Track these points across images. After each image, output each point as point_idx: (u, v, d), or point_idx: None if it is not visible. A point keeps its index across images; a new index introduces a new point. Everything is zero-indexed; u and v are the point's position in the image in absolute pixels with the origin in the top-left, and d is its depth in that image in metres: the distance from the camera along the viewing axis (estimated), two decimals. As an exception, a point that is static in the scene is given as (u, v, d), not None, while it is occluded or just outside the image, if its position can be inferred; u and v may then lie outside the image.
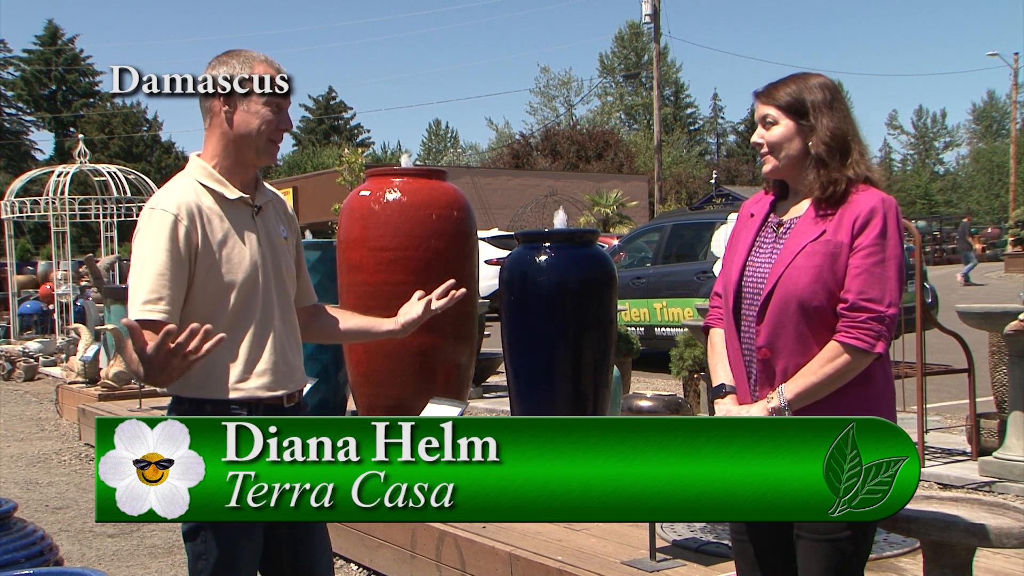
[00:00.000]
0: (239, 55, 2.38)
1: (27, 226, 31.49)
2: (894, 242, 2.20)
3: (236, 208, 2.39)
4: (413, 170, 5.94)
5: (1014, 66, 44.77)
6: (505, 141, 60.39)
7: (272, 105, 2.35)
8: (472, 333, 5.96)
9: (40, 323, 18.20)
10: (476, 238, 6.00)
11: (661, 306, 11.04)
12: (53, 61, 53.25)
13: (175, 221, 2.29)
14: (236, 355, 2.35)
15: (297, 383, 2.48)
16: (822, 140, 2.26)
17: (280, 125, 2.38)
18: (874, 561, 3.42)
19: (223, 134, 2.37)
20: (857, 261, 2.19)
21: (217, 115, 2.36)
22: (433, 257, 5.62)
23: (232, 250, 2.35)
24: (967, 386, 5.81)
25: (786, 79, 2.36)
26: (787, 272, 2.24)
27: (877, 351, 2.18)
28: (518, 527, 4.04)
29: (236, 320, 2.35)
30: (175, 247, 2.28)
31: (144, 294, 2.25)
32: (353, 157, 21.29)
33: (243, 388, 2.35)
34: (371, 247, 5.58)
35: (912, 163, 77.92)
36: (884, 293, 2.17)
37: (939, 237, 38.58)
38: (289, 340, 2.46)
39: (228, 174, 2.39)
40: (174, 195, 2.35)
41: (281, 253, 2.48)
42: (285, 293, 2.48)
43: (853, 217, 2.21)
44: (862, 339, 2.17)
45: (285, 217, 2.57)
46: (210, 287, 2.33)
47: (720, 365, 2.42)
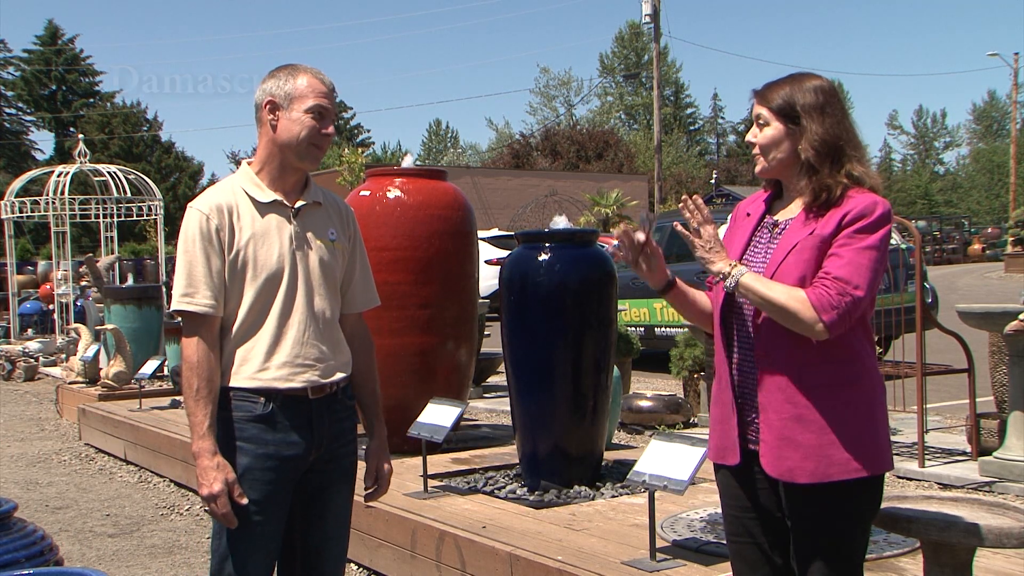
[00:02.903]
0: (286, 68, 2.58)
1: (27, 226, 31.51)
2: (877, 236, 2.20)
3: (270, 209, 2.55)
4: (413, 170, 5.94)
5: (1014, 66, 44.77)
6: (505, 141, 60.42)
7: (313, 113, 2.52)
8: (472, 333, 5.96)
9: (40, 323, 18.19)
10: (476, 238, 6.00)
11: (661, 306, 11.04)
12: (53, 61, 53.22)
13: (206, 219, 2.49)
14: (257, 347, 2.51)
15: (324, 378, 2.56)
16: (811, 145, 2.26)
17: (322, 131, 2.54)
18: (874, 561, 3.42)
19: (270, 140, 2.56)
20: (835, 248, 2.20)
21: (265, 124, 2.56)
22: (433, 257, 5.62)
23: (260, 248, 2.51)
24: (967, 386, 5.80)
25: (782, 80, 2.36)
26: (779, 270, 2.25)
27: (824, 318, 2.15)
28: (518, 527, 4.04)
29: (259, 313, 2.51)
30: (207, 243, 2.48)
31: (181, 288, 2.48)
32: (353, 157, 21.31)
33: (260, 378, 2.49)
34: (371, 247, 5.50)
35: (912, 163, 77.93)
36: (854, 276, 2.16)
37: (939, 237, 38.58)
38: (318, 334, 2.56)
39: (272, 178, 2.58)
40: (210, 195, 2.56)
41: (322, 253, 2.59)
42: (319, 291, 2.58)
43: (843, 213, 2.22)
44: (820, 296, 2.16)
45: (339, 220, 2.69)
46: (236, 281, 2.50)
47: None
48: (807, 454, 2.23)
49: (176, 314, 2.49)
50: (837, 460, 2.21)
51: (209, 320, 2.46)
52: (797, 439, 2.23)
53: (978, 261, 36.29)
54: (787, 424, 2.24)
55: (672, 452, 3.34)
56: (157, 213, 15.51)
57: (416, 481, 4.82)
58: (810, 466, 2.22)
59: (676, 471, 3.26)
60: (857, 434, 2.23)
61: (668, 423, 7.18)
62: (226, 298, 2.49)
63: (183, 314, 2.47)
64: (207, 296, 2.46)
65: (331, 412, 2.58)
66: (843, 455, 2.21)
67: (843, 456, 2.21)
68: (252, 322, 2.50)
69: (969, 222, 49.43)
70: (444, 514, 4.26)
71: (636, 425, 7.32)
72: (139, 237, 35.13)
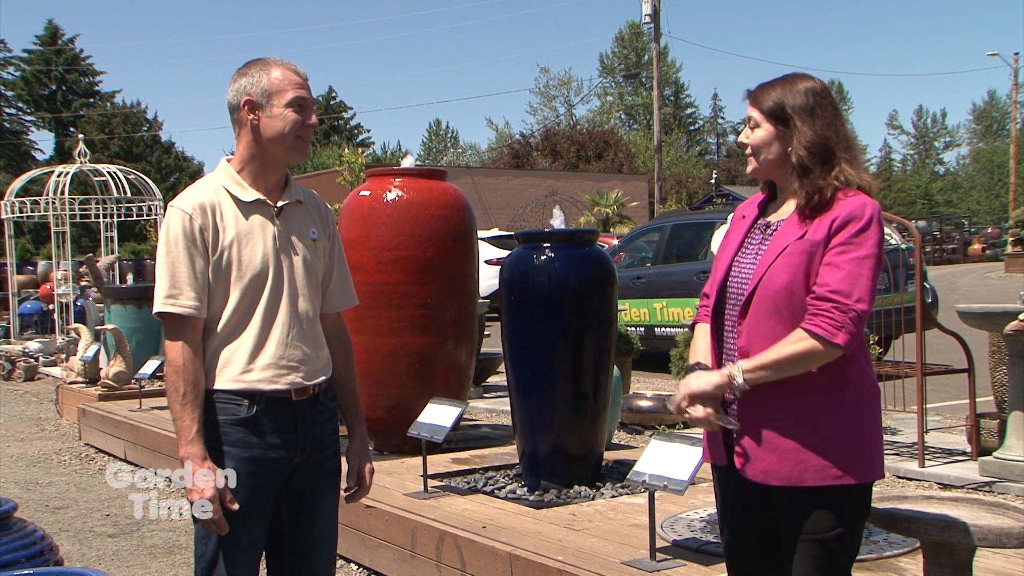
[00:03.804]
0: (256, 64, 2.52)
1: (27, 226, 31.48)
2: (871, 242, 2.19)
3: (253, 209, 2.50)
4: (413, 170, 5.94)
5: (1014, 66, 44.78)
6: (505, 141, 60.41)
7: (294, 106, 2.48)
8: (472, 333, 5.96)
9: (40, 323, 18.18)
10: (476, 238, 6.00)
11: (661, 306, 11.04)
12: (53, 61, 53.22)
13: (189, 219, 2.43)
14: (241, 348, 2.46)
15: (308, 380, 2.52)
16: (800, 147, 2.26)
17: (305, 122, 2.51)
18: (874, 561, 3.42)
19: (251, 140, 2.51)
20: (830, 257, 2.19)
21: (245, 124, 2.50)
22: (433, 257, 5.62)
23: (244, 248, 2.46)
24: (967, 386, 5.80)
25: (774, 81, 2.36)
26: (768, 272, 2.24)
27: (837, 341, 2.15)
28: (518, 527, 4.04)
29: (243, 314, 2.46)
30: (190, 243, 2.42)
31: (165, 289, 2.41)
32: (353, 157, 21.30)
33: (244, 380, 2.44)
34: (371, 247, 5.58)
35: (912, 163, 77.91)
36: (853, 288, 2.16)
37: (939, 237, 38.58)
38: (302, 336, 2.52)
39: (254, 176, 2.53)
40: (191, 194, 2.49)
41: (304, 253, 2.55)
42: (302, 291, 2.54)
43: (832, 217, 2.21)
44: (822, 327, 2.15)
45: (319, 219, 2.65)
46: (220, 282, 2.44)
47: (700, 350, 2.42)
48: (782, 457, 2.22)
49: (159, 316, 2.42)
50: (813, 466, 2.19)
51: (193, 322, 2.41)
52: (773, 442, 2.23)
53: (978, 261, 36.30)
54: (765, 426, 2.24)
55: (672, 452, 3.34)
56: (157, 213, 15.49)
57: (416, 481, 4.82)
58: (784, 470, 2.21)
59: (676, 471, 3.27)
60: (839, 441, 2.20)
61: (668, 423, 7.18)
62: (209, 299, 2.44)
63: (167, 316, 2.40)
64: (191, 297, 2.40)
65: (314, 414, 2.54)
66: (820, 462, 2.19)
67: (820, 463, 2.19)
68: (236, 323, 2.45)
69: (969, 222, 49.45)
70: (444, 514, 4.26)
71: (636, 425, 7.32)
72: (139, 237, 35.15)
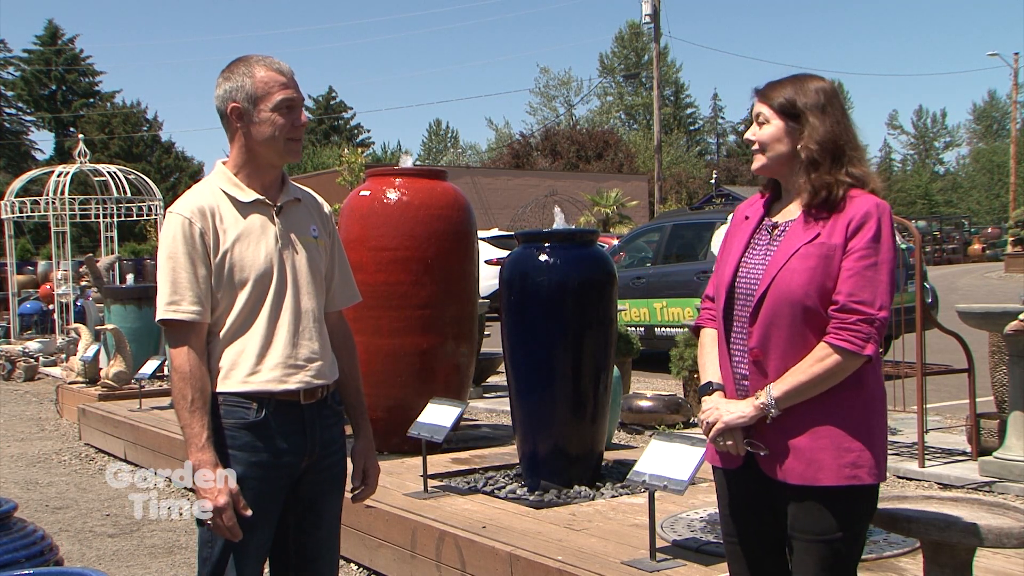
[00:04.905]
0: (239, 66, 2.47)
1: (27, 226, 31.46)
2: (887, 246, 2.22)
3: (253, 209, 2.48)
4: (413, 170, 5.94)
5: (1014, 66, 44.79)
6: (505, 141, 60.41)
7: (282, 109, 2.44)
8: (472, 333, 5.96)
9: (40, 323, 18.18)
10: (476, 238, 6.00)
11: (661, 306, 11.04)
12: (53, 61, 53.22)
13: (188, 223, 2.40)
14: (247, 349, 2.43)
15: (317, 379, 2.49)
16: (812, 142, 2.27)
17: (295, 124, 2.47)
18: (874, 561, 3.42)
19: (244, 145, 2.49)
20: (849, 264, 2.20)
21: (236, 130, 2.48)
22: (433, 257, 5.62)
23: (246, 249, 2.43)
24: (967, 386, 5.80)
25: (784, 80, 2.37)
26: (781, 274, 2.25)
27: (866, 353, 2.19)
28: (518, 526, 4.04)
29: (248, 315, 2.43)
30: (191, 248, 2.39)
31: (166, 296, 2.38)
32: (353, 157, 21.32)
33: (253, 382, 2.41)
34: (371, 247, 5.58)
35: (912, 163, 77.92)
36: (875, 296, 2.19)
37: (939, 237, 38.58)
38: (308, 334, 2.49)
39: (251, 178, 2.50)
40: (190, 199, 2.47)
41: (307, 251, 2.54)
42: (306, 289, 2.52)
43: (847, 220, 2.22)
44: (851, 341, 2.17)
45: (319, 217, 2.64)
46: (223, 284, 2.41)
47: (709, 363, 2.44)
48: (798, 456, 2.23)
49: (162, 324, 2.38)
50: (827, 466, 2.21)
51: (197, 327, 2.38)
52: (791, 441, 2.24)
53: (978, 261, 36.30)
54: (782, 426, 2.25)
55: (672, 452, 3.34)
56: (157, 213, 15.49)
57: (416, 481, 4.82)
58: (800, 468, 2.23)
59: (676, 471, 3.26)
60: (851, 442, 2.22)
61: (668, 423, 7.18)
62: (213, 302, 2.41)
63: (170, 323, 2.37)
64: (193, 303, 2.37)
65: (322, 418, 2.51)
66: (833, 462, 2.21)
67: (833, 463, 2.21)
68: (240, 324, 2.42)
69: (969, 222, 49.47)
70: (444, 514, 4.26)
71: (636, 425, 7.31)
72: (139, 237, 35.15)
